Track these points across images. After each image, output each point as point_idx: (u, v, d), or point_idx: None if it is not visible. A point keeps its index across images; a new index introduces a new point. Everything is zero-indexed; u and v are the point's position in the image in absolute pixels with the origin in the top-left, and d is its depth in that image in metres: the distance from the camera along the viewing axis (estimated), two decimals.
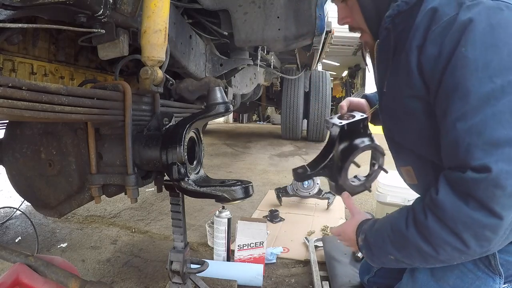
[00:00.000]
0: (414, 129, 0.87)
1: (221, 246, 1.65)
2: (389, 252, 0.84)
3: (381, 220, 0.91)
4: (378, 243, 0.87)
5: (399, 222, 0.82)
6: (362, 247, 0.94)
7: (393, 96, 0.91)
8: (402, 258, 0.83)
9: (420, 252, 0.77)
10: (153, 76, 0.96)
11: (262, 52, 2.10)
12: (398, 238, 0.81)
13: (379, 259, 0.90)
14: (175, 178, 0.95)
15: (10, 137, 1.10)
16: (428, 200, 0.75)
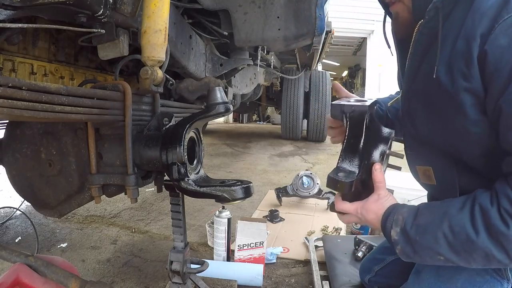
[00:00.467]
0: (456, 125, 0.79)
1: (221, 246, 1.65)
2: (441, 253, 0.76)
3: (426, 211, 0.81)
4: (428, 242, 0.77)
5: (463, 225, 0.73)
6: (398, 242, 0.82)
7: (437, 85, 0.80)
8: (457, 261, 0.76)
9: (488, 257, 0.71)
10: (153, 76, 0.96)
11: (262, 52, 2.10)
12: (461, 243, 0.73)
13: (422, 258, 0.81)
14: (175, 178, 0.95)
15: (10, 137, 1.10)
16: (508, 205, 0.69)
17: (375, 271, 1.25)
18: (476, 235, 0.71)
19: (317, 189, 2.49)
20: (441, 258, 0.77)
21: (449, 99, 0.77)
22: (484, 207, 0.72)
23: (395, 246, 0.84)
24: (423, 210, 0.82)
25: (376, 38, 9.52)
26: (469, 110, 0.75)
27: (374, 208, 0.88)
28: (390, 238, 0.84)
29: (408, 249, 0.81)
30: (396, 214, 0.84)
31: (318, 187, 2.49)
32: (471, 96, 0.74)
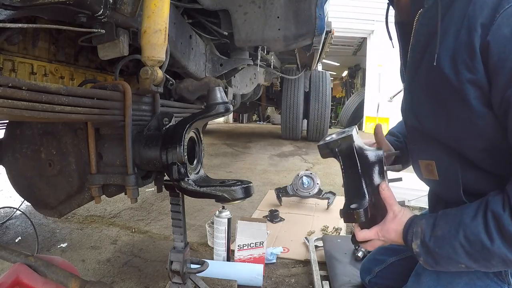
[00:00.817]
0: (460, 118, 0.78)
1: (221, 246, 1.65)
2: (461, 262, 0.78)
3: (442, 222, 0.82)
4: (447, 253, 0.79)
5: (477, 233, 0.74)
6: (419, 254, 0.84)
7: (440, 77, 0.78)
8: (478, 267, 0.78)
9: (506, 262, 0.73)
10: (153, 76, 0.96)
11: (262, 52, 2.10)
12: (477, 251, 0.74)
13: (444, 267, 0.83)
14: (175, 178, 0.95)
15: (10, 137, 1.10)
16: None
17: (375, 272, 1.25)
18: (491, 243, 0.71)
19: (317, 189, 2.49)
20: (462, 266, 0.79)
21: (454, 92, 0.76)
22: (496, 213, 0.72)
23: (418, 258, 0.86)
24: (440, 220, 0.82)
25: (376, 38, 9.51)
26: (474, 102, 0.74)
27: (393, 227, 0.90)
28: (413, 251, 0.85)
29: (430, 260, 0.83)
30: (415, 226, 0.85)
31: (318, 187, 2.49)
32: (475, 88, 0.72)
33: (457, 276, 0.86)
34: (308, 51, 3.05)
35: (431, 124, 0.86)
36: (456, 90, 0.75)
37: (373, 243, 0.95)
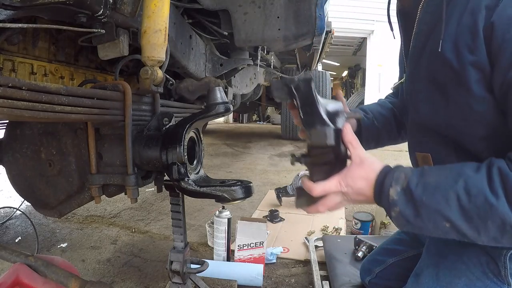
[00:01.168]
0: (459, 103, 0.75)
1: (221, 246, 1.65)
2: (450, 218, 0.67)
3: (435, 171, 0.72)
4: (436, 204, 0.68)
5: (481, 186, 0.65)
6: (396, 203, 0.71)
7: (442, 63, 0.76)
8: (465, 229, 0.67)
9: (504, 227, 0.64)
10: (153, 76, 0.96)
11: (262, 52, 2.10)
12: (476, 207, 0.65)
13: (423, 223, 0.70)
14: (175, 178, 0.95)
15: (10, 137, 1.10)
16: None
17: (375, 272, 1.25)
18: (496, 199, 0.63)
19: None
20: (447, 225, 0.68)
21: (454, 75, 0.74)
22: (503, 170, 0.65)
23: (391, 208, 0.72)
24: (431, 169, 0.73)
25: (376, 38, 9.52)
26: (474, 86, 0.71)
27: (362, 173, 0.75)
28: (388, 199, 0.72)
29: (409, 211, 0.70)
30: (397, 172, 0.74)
31: None
32: (476, 71, 0.71)
33: (456, 277, 0.85)
34: (308, 51, 3.05)
35: (429, 111, 0.83)
36: (456, 73, 0.73)
37: (331, 199, 0.78)
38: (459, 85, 0.74)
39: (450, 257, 0.89)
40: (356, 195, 0.76)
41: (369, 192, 0.75)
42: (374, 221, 2.12)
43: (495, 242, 0.68)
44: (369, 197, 0.75)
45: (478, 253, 0.84)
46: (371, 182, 0.75)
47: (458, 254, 0.88)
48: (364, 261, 1.36)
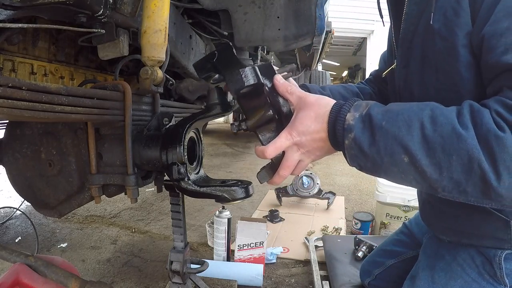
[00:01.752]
0: (448, 71, 0.72)
1: (221, 246, 1.65)
2: (409, 149, 0.59)
3: (402, 104, 0.66)
4: (396, 130, 0.60)
5: (449, 115, 0.59)
6: (352, 128, 0.64)
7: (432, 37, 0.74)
8: (425, 165, 0.59)
9: (471, 164, 0.56)
10: (153, 76, 0.96)
11: (262, 52, 2.10)
12: (442, 137, 0.57)
13: (378, 153, 0.62)
14: (175, 178, 0.95)
15: (10, 137, 1.10)
16: (504, 110, 0.57)
17: (375, 274, 1.24)
18: (465, 130, 0.56)
19: (317, 189, 2.49)
20: (405, 158, 0.60)
21: (443, 45, 0.71)
22: (474, 106, 0.60)
23: (346, 135, 0.64)
24: (395, 103, 0.67)
25: (376, 38, 9.52)
26: (461, 50, 0.68)
27: (310, 113, 0.68)
28: (343, 125, 0.64)
29: (364, 138, 0.62)
30: (358, 101, 0.67)
31: (318, 187, 2.50)
32: (463, 33, 0.68)
33: (452, 279, 0.84)
34: (308, 51, 3.05)
35: (422, 92, 0.80)
36: (445, 41, 0.71)
37: (289, 159, 0.72)
38: (449, 54, 0.70)
39: (446, 259, 0.89)
40: (312, 141, 0.68)
41: (324, 130, 0.67)
42: (374, 221, 2.12)
43: (458, 192, 0.59)
44: (325, 139, 0.68)
45: (472, 254, 0.84)
46: (323, 117, 0.67)
47: (453, 255, 0.87)
48: (363, 262, 1.36)
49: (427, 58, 0.77)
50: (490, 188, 0.56)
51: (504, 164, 0.54)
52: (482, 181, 0.56)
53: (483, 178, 0.56)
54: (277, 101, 0.72)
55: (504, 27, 0.61)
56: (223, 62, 0.78)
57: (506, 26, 0.61)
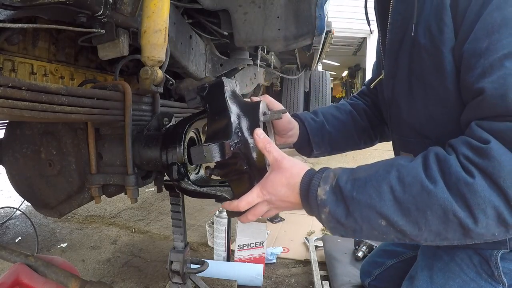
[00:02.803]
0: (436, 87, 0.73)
1: (221, 246, 1.65)
2: (385, 214, 0.60)
3: (366, 167, 0.67)
4: (368, 199, 0.61)
5: (416, 174, 0.59)
6: (326, 202, 0.64)
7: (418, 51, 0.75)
8: (404, 224, 0.59)
9: (447, 216, 0.57)
10: (153, 76, 0.96)
11: (262, 52, 2.10)
12: (413, 196, 0.58)
13: (356, 223, 0.63)
14: (175, 178, 0.95)
15: (10, 137, 1.09)
16: (471, 153, 0.57)
17: (375, 275, 1.24)
18: (434, 185, 0.57)
19: None
20: (382, 222, 0.61)
21: (429, 60, 0.72)
22: (440, 155, 0.60)
23: (321, 210, 0.65)
24: (362, 166, 0.68)
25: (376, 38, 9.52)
26: (448, 66, 0.69)
27: (282, 180, 0.70)
28: (316, 200, 0.65)
29: (339, 211, 0.63)
30: (325, 172, 0.68)
31: None
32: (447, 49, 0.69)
33: (450, 279, 0.84)
34: (308, 51, 3.05)
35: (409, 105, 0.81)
36: (431, 56, 0.72)
37: (259, 209, 0.73)
38: (436, 70, 0.71)
39: (444, 259, 0.88)
40: (281, 202, 0.71)
41: (294, 198, 0.70)
42: None
43: (441, 239, 0.60)
44: (295, 203, 0.71)
45: (470, 254, 0.84)
46: (294, 187, 0.69)
47: (451, 255, 0.87)
48: (363, 262, 1.36)
49: (414, 71, 0.78)
50: (469, 232, 0.57)
51: (479, 208, 0.55)
52: (460, 227, 0.57)
53: (460, 224, 0.57)
54: (251, 157, 0.74)
55: (483, 47, 0.62)
56: (211, 99, 0.81)
57: (485, 46, 0.62)
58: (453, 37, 0.69)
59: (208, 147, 0.70)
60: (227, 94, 0.80)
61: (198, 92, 0.84)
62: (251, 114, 0.78)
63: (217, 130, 0.77)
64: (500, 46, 0.60)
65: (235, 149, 0.73)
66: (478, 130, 0.59)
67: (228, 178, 0.79)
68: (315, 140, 1.07)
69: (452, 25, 0.68)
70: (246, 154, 0.74)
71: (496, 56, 0.60)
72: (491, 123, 0.58)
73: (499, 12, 0.61)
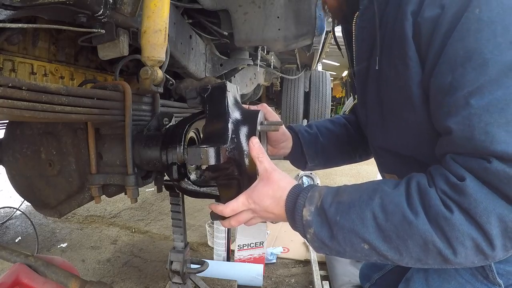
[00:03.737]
0: (407, 120, 0.73)
1: (221, 246, 1.65)
2: (367, 239, 0.62)
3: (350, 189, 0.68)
4: (351, 224, 0.63)
5: (399, 203, 0.61)
6: (311, 224, 0.66)
7: (385, 82, 0.75)
8: (385, 250, 0.62)
9: (427, 246, 0.59)
10: (153, 76, 0.96)
11: (262, 52, 2.10)
12: (394, 225, 0.60)
13: (340, 245, 0.65)
14: (175, 178, 0.95)
15: (10, 137, 1.09)
16: (449, 189, 0.58)
17: (375, 279, 1.22)
18: (415, 217, 0.59)
19: None
20: (365, 246, 0.63)
21: (398, 93, 0.71)
22: (422, 186, 0.61)
23: (306, 230, 0.67)
24: (347, 187, 0.69)
25: None
26: (417, 100, 0.69)
27: (269, 191, 0.71)
28: (302, 220, 0.67)
29: (324, 233, 0.65)
30: (311, 191, 0.69)
31: None
32: (414, 84, 0.68)
33: (446, 281, 0.83)
34: (308, 51, 3.05)
35: (383, 134, 0.82)
36: (399, 89, 0.71)
37: (241, 216, 0.75)
38: (405, 103, 0.71)
39: None
40: (265, 212, 0.72)
41: (278, 211, 0.71)
42: None
43: (421, 264, 0.63)
44: (278, 216, 0.72)
45: None
46: (279, 201, 0.70)
47: None
48: (362, 265, 1.34)
49: (383, 101, 0.78)
50: (448, 261, 0.60)
51: (457, 241, 0.57)
52: (440, 256, 0.59)
53: (440, 254, 0.59)
54: (244, 164, 0.75)
55: (447, 82, 0.61)
56: (211, 101, 0.83)
57: (449, 81, 0.60)
58: (419, 70, 0.67)
59: (205, 150, 0.71)
60: (228, 99, 0.82)
61: (199, 92, 0.85)
62: (248, 122, 0.80)
63: (214, 133, 0.78)
64: (464, 83, 0.58)
65: (230, 155, 0.75)
66: (454, 165, 0.60)
67: (217, 182, 0.81)
68: (309, 152, 1.07)
69: (417, 57, 0.67)
70: (239, 161, 0.75)
71: (460, 94, 0.59)
72: (465, 159, 0.59)
73: (462, 44, 0.59)
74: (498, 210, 0.55)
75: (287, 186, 0.71)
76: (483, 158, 0.56)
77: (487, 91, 0.56)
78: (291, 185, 0.71)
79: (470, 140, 0.58)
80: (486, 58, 0.57)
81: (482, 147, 0.56)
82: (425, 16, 0.63)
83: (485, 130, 0.56)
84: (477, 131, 0.56)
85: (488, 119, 0.56)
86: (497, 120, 0.55)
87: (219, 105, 0.81)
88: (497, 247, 0.57)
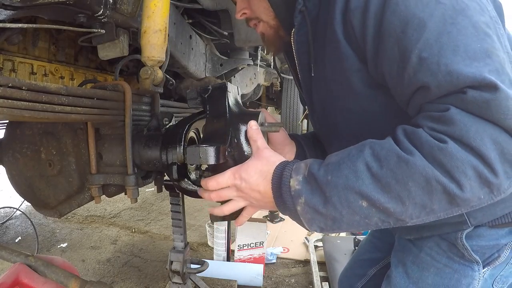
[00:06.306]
0: (354, 109, 0.75)
1: (221, 246, 1.65)
2: (365, 193, 0.58)
3: (338, 153, 0.65)
4: (345, 180, 0.59)
5: (390, 147, 0.59)
6: (301, 192, 0.62)
7: (324, 82, 0.78)
8: (386, 202, 0.57)
9: (430, 184, 0.55)
10: (153, 76, 0.96)
11: (262, 52, 2.10)
12: (391, 169, 0.57)
13: (336, 209, 0.60)
14: (175, 178, 0.95)
15: (10, 137, 1.09)
16: (436, 124, 0.57)
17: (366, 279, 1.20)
18: (411, 155, 0.56)
19: None
20: (363, 204, 0.59)
21: (340, 87, 0.74)
22: (408, 130, 0.60)
23: (296, 201, 0.63)
24: (333, 153, 0.66)
25: None
26: (357, 88, 0.71)
27: (257, 165, 0.69)
28: (290, 191, 0.64)
29: (316, 199, 0.61)
30: (296, 164, 0.67)
31: None
32: (351, 72, 0.70)
33: (425, 270, 0.82)
34: None
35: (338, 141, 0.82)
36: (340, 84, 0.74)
37: (223, 192, 0.72)
38: (347, 95, 0.74)
39: (413, 251, 0.87)
40: (250, 190, 0.69)
41: (264, 187, 0.68)
42: None
43: (427, 212, 0.58)
44: (264, 194, 0.68)
45: (437, 241, 0.82)
46: (267, 174, 0.67)
47: (419, 246, 0.85)
48: (340, 277, 1.26)
49: (328, 103, 0.80)
50: (455, 197, 0.56)
51: (458, 171, 0.55)
52: (445, 194, 0.56)
53: (445, 191, 0.56)
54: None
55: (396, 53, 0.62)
56: (212, 101, 0.82)
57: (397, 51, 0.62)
58: (356, 61, 0.69)
59: (204, 149, 0.70)
60: (229, 99, 0.82)
61: (200, 93, 0.86)
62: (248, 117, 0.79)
63: (214, 133, 0.78)
64: (411, 45, 0.60)
65: (230, 155, 0.74)
66: (434, 105, 0.59)
67: None
68: (312, 155, 1.07)
69: (350, 50, 0.69)
70: (239, 161, 0.75)
71: (412, 56, 0.59)
72: (442, 99, 0.58)
73: (395, 16, 0.61)
74: (489, 132, 0.54)
75: (276, 161, 0.69)
76: (457, 93, 0.56)
77: (433, 41, 0.58)
78: (280, 160, 0.69)
79: (439, 87, 0.57)
80: (421, 17, 0.59)
81: (452, 85, 0.56)
82: (352, 7, 0.65)
83: (448, 70, 0.56)
84: (441, 75, 0.57)
85: (445, 61, 0.57)
86: (453, 60, 0.56)
87: (220, 105, 0.81)
88: (500, 174, 0.54)
